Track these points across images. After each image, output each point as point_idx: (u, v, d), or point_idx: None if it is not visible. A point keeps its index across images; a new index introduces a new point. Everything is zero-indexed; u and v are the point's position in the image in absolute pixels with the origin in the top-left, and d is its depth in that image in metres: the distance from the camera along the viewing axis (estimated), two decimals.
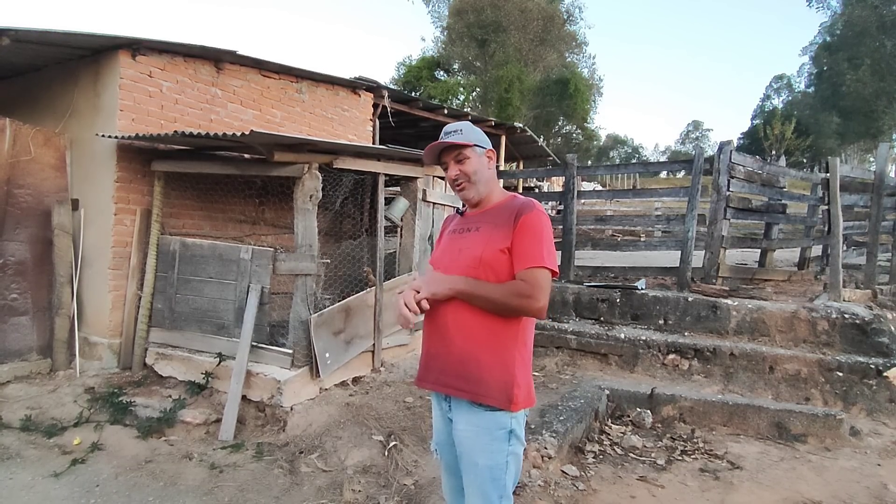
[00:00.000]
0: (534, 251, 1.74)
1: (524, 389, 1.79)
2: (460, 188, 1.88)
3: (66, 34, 3.85)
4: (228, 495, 3.00)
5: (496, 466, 1.76)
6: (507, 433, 1.76)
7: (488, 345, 1.77)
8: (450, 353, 1.81)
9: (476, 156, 1.87)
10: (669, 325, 5.55)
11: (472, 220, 1.92)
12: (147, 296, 4.44)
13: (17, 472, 3.08)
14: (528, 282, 1.71)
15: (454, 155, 1.86)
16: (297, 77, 5.91)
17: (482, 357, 1.76)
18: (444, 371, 1.83)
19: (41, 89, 4.88)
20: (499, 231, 1.79)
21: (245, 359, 3.99)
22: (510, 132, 12.03)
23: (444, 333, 1.83)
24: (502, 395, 1.75)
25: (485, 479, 1.77)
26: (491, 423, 1.76)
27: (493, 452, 1.76)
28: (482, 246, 1.79)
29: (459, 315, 1.78)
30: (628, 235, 13.62)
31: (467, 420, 1.80)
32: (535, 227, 1.76)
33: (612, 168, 9.99)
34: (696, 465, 3.70)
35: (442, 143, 1.86)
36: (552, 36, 26.12)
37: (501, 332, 1.77)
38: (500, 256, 1.76)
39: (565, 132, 33.21)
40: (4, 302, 4.16)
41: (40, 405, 3.81)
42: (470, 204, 1.94)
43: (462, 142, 1.83)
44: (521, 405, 1.78)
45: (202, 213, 5.03)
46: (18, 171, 4.20)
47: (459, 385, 1.79)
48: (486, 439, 1.76)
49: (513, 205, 1.84)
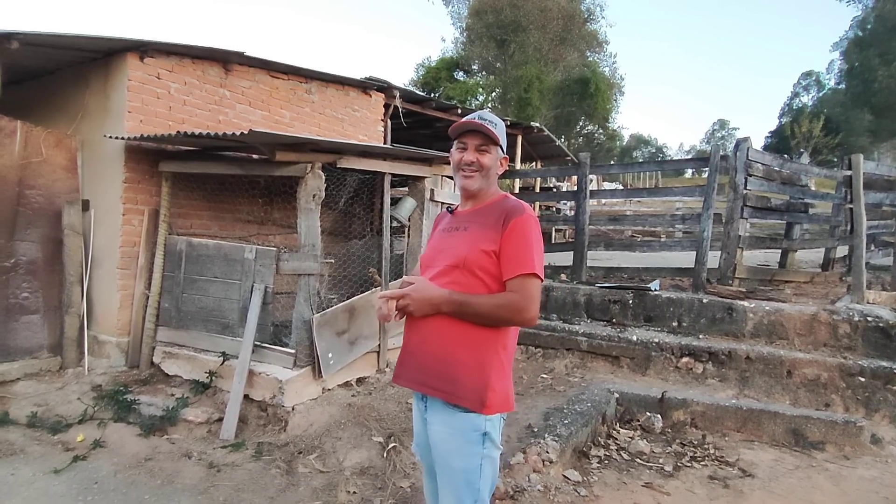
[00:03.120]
0: (524, 258, 1.70)
1: (499, 394, 1.74)
2: (468, 175, 1.83)
3: (75, 37, 3.92)
4: (224, 495, 3.00)
5: (470, 470, 1.71)
6: (481, 436, 1.71)
7: (466, 346, 1.73)
8: (427, 352, 1.78)
9: (496, 155, 1.86)
10: (683, 327, 5.40)
11: (461, 219, 1.90)
12: (154, 295, 4.49)
13: (19, 467, 3.12)
14: (518, 293, 1.69)
15: (479, 143, 1.83)
16: (306, 77, 5.93)
17: (459, 357, 1.72)
18: (421, 369, 1.80)
19: (55, 92, 4.99)
20: (486, 232, 1.76)
21: (248, 358, 4.00)
22: (527, 132, 11.91)
23: (423, 333, 1.80)
24: (476, 398, 1.70)
25: (459, 482, 1.72)
26: (465, 425, 1.71)
27: (466, 455, 1.71)
28: (468, 246, 1.77)
29: (439, 317, 1.74)
30: (648, 236, 13.39)
31: (441, 420, 1.76)
32: (524, 232, 1.72)
33: (625, 166, 9.77)
34: (706, 472, 3.58)
35: (480, 124, 1.81)
36: (572, 35, 25.82)
37: (480, 335, 1.73)
38: (484, 258, 1.73)
39: (587, 132, 32.85)
40: (16, 300, 4.25)
41: (47, 402, 3.87)
42: (467, 194, 1.89)
43: (496, 135, 1.82)
44: (496, 409, 1.73)
45: (210, 214, 5.07)
46: (30, 172, 4.29)
47: (434, 384, 1.76)
48: (459, 441, 1.72)
49: (503, 207, 1.80)
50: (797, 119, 32.39)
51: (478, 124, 1.81)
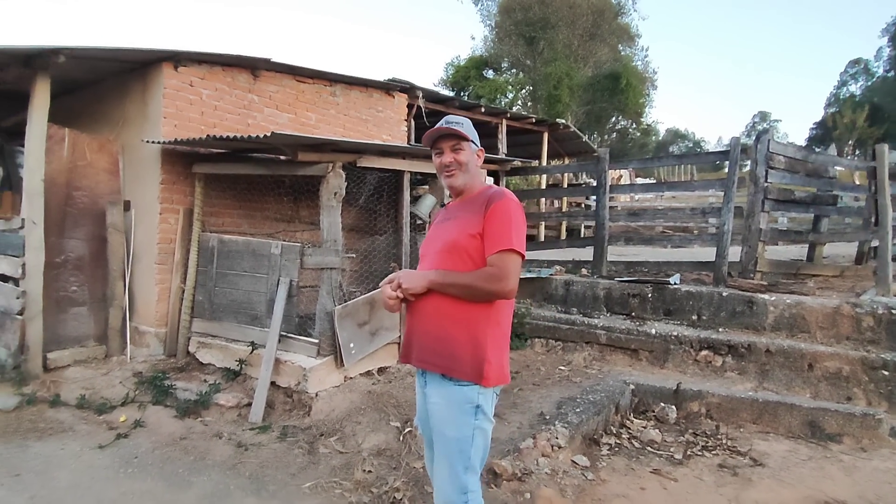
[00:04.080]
0: (502, 235, 1.85)
1: (495, 366, 1.89)
2: (450, 174, 2.01)
3: (114, 50, 4.24)
4: (249, 470, 3.23)
5: (463, 438, 1.86)
6: (474, 407, 1.86)
7: (461, 323, 1.88)
8: (427, 331, 1.95)
9: (470, 150, 2.02)
10: (703, 320, 5.40)
11: (452, 210, 2.08)
12: (189, 288, 4.79)
13: (68, 443, 3.43)
14: (496, 265, 1.84)
15: (452, 144, 2.00)
16: (330, 81, 6.17)
17: (455, 334, 1.88)
18: (422, 348, 1.97)
19: (99, 101, 5.37)
20: (472, 218, 1.92)
21: (274, 347, 4.24)
22: (552, 129, 11.94)
23: (422, 315, 1.97)
24: (473, 371, 1.86)
25: (452, 449, 1.88)
26: (459, 397, 1.87)
27: (460, 425, 1.87)
28: (457, 232, 1.94)
29: (435, 298, 1.92)
30: (680, 232, 13.20)
31: (438, 393, 1.92)
32: (504, 212, 1.87)
33: (643, 162, 9.70)
34: (716, 460, 3.62)
35: (447, 128, 1.98)
36: (603, 30, 25.51)
37: (473, 313, 1.89)
38: (471, 241, 1.89)
39: (620, 128, 32.37)
40: (66, 293, 4.61)
41: (94, 386, 4.20)
42: (454, 191, 2.07)
43: (464, 133, 1.99)
44: (493, 381, 1.88)
45: (241, 212, 5.36)
46: (77, 175, 4.65)
47: (433, 360, 1.93)
48: (454, 411, 1.88)
49: (486, 194, 1.97)
50: (842, 109, 31.10)
51: (444, 129, 1.98)
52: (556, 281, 6.43)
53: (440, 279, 1.89)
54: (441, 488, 1.91)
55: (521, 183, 17.53)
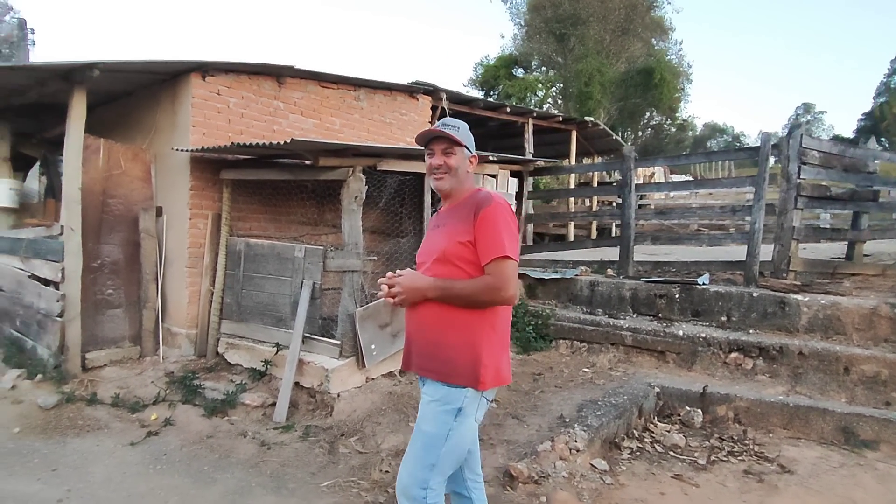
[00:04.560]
0: (495, 243, 1.86)
1: (491, 370, 1.90)
2: (438, 177, 2.01)
3: (145, 62, 4.42)
4: (271, 469, 3.32)
5: (436, 435, 1.88)
6: (456, 410, 1.88)
7: (456, 329, 1.90)
8: (423, 338, 1.98)
9: (462, 154, 2.01)
10: (733, 321, 5.26)
11: (443, 216, 2.09)
12: (218, 291, 4.95)
13: (103, 440, 3.60)
14: (494, 275, 1.86)
15: (443, 147, 1.99)
16: (354, 86, 6.26)
17: (450, 341, 1.90)
18: (419, 355, 2.00)
19: (132, 111, 5.59)
20: (460, 225, 1.93)
21: (297, 349, 4.34)
22: (581, 127, 11.77)
23: (419, 321, 2.00)
24: (469, 376, 1.88)
25: (422, 443, 1.91)
26: (445, 396, 1.90)
27: (437, 423, 1.89)
28: (446, 240, 1.95)
29: (431, 305, 1.94)
30: (716, 230, 12.86)
31: (427, 392, 1.96)
32: (492, 219, 1.88)
33: (670, 159, 9.43)
34: (741, 466, 3.53)
35: (438, 130, 1.98)
36: (635, 25, 25.00)
37: (468, 318, 1.90)
38: (461, 249, 1.91)
39: (654, 124, 31.66)
40: (102, 296, 4.83)
41: (128, 385, 4.39)
42: (442, 195, 2.08)
43: (457, 138, 1.97)
44: (489, 384, 1.90)
45: (267, 216, 5.50)
46: (111, 183, 4.86)
47: (432, 367, 1.95)
48: (435, 409, 1.91)
49: (474, 200, 1.96)
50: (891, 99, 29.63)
51: (437, 131, 1.98)
52: (581, 282, 6.36)
53: (439, 292, 1.90)
54: (402, 477, 1.93)
55: (551, 182, 17.40)
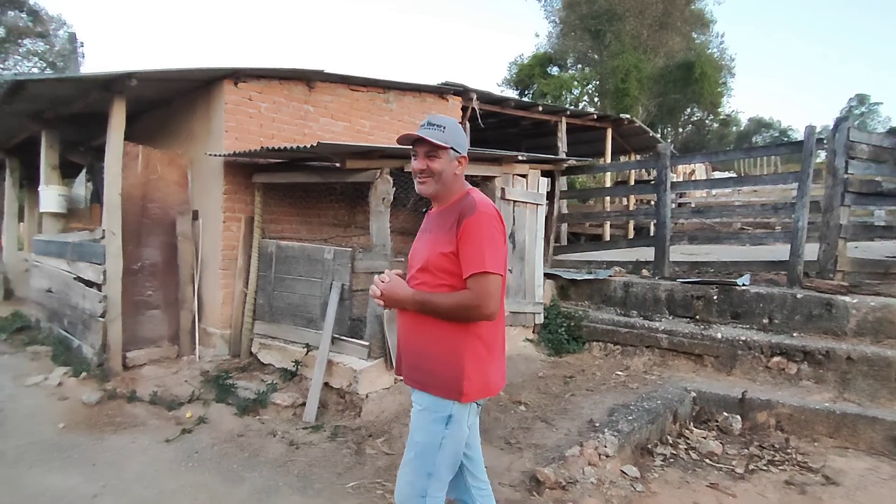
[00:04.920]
0: (476, 257, 1.78)
1: (476, 382, 1.84)
2: (421, 182, 1.91)
3: (179, 70, 4.56)
4: (298, 469, 3.35)
5: (429, 444, 1.85)
6: (446, 417, 1.84)
7: (438, 339, 1.86)
8: (408, 347, 1.96)
9: (447, 157, 1.88)
10: (775, 324, 5.04)
11: (430, 220, 2.01)
12: (251, 292, 5.05)
13: (139, 437, 3.71)
14: (473, 291, 1.79)
15: (427, 149, 1.87)
16: (384, 88, 6.29)
17: (431, 351, 1.87)
18: (406, 364, 1.98)
19: (169, 119, 5.78)
20: (443, 234, 1.86)
21: (327, 349, 4.38)
22: (616, 124, 11.52)
23: (404, 329, 1.98)
24: (450, 388, 1.83)
25: (416, 453, 1.88)
26: (432, 405, 1.86)
27: (429, 432, 1.86)
28: (429, 250, 1.89)
29: (414, 314, 1.91)
30: (761, 228, 12.38)
31: (416, 400, 1.94)
32: (474, 231, 1.79)
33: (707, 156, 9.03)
34: (783, 476, 3.37)
35: (414, 135, 1.88)
36: (674, 18, 24.37)
37: (450, 328, 1.85)
38: (444, 259, 1.84)
39: (696, 120, 30.74)
40: (142, 297, 5.00)
41: (165, 384, 4.53)
42: (423, 195, 1.98)
43: (439, 143, 1.84)
44: (473, 397, 1.85)
45: (299, 219, 5.58)
46: (150, 188, 5.03)
47: (415, 377, 1.94)
48: (425, 418, 1.87)
49: (459, 207, 1.86)
50: None
51: (412, 135, 1.88)
52: (614, 282, 6.21)
53: (418, 305, 1.86)
54: (401, 488, 1.91)
55: (588, 181, 17.09)
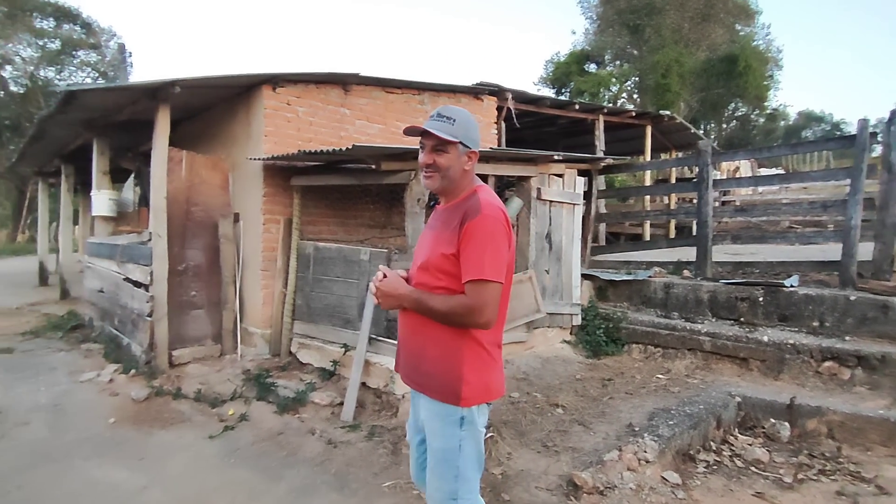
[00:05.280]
0: (475, 263, 1.72)
1: (475, 386, 1.79)
2: (428, 175, 1.84)
3: (220, 77, 4.70)
4: (336, 467, 3.40)
5: (448, 449, 1.82)
6: (459, 419, 1.80)
7: (436, 341, 1.82)
8: (407, 348, 1.94)
9: (456, 152, 1.80)
10: (825, 327, 4.83)
11: (436, 216, 1.94)
12: (290, 293, 5.16)
13: (184, 433, 3.84)
14: (470, 297, 1.73)
15: (434, 143, 1.79)
16: (418, 90, 6.33)
17: (429, 353, 1.84)
18: (406, 363, 1.96)
19: (211, 124, 5.96)
20: (446, 234, 1.80)
21: (364, 350, 4.43)
22: (656, 121, 11.26)
23: (404, 329, 1.95)
24: (448, 392, 1.79)
25: (438, 459, 1.86)
26: (442, 411, 1.83)
27: (445, 437, 1.83)
28: (430, 248, 1.84)
29: (412, 313, 1.87)
30: (811, 226, 11.87)
31: (424, 406, 1.91)
32: (477, 235, 1.72)
33: (751, 152, 8.66)
34: (833, 486, 3.22)
35: (420, 127, 1.81)
36: (716, 10, 23.63)
37: (449, 330, 1.80)
38: (443, 261, 1.79)
39: (740, 115, 29.72)
40: (187, 298, 5.18)
41: (209, 381, 4.67)
42: (430, 190, 1.92)
43: (447, 136, 1.76)
44: (473, 401, 1.80)
45: (336, 220, 5.67)
46: (193, 192, 5.21)
47: (414, 378, 1.92)
48: (438, 424, 1.84)
49: (464, 207, 1.79)
50: None
51: (418, 128, 1.80)
52: (654, 283, 6.07)
53: (415, 305, 1.81)
54: (431, 496, 1.89)
55: (628, 180, 16.74)
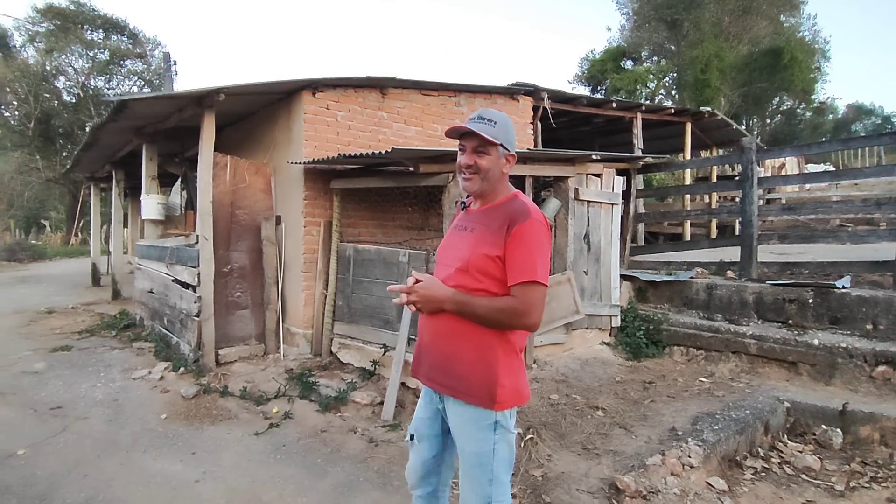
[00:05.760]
0: (526, 265, 1.72)
1: (509, 389, 1.79)
2: (467, 178, 1.84)
3: (262, 84, 4.84)
4: (377, 465, 3.47)
5: (482, 453, 1.81)
6: (493, 424, 1.80)
7: (472, 344, 1.80)
8: (438, 349, 1.88)
9: (496, 154, 1.81)
10: (880, 330, 4.64)
11: (471, 218, 1.92)
12: (330, 294, 5.26)
13: (232, 429, 3.97)
14: (519, 299, 1.72)
15: (475, 145, 1.80)
16: (454, 91, 6.36)
17: (465, 356, 1.81)
18: (433, 367, 1.91)
19: (254, 130, 6.14)
20: (490, 236, 1.78)
21: (403, 350, 4.49)
22: (696, 118, 10.98)
23: (433, 331, 1.90)
24: (485, 395, 1.78)
25: (472, 464, 1.84)
26: (475, 415, 1.81)
27: (478, 441, 1.82)
28: (471, 249, 1.81)
29: (448, 315, 1.82)
30: (862, 225, 11.36)
31: (454, 412, 1.88)
32: (528, 238, 1.73)
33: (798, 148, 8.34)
34: (885, 494, 3.11)
35: (465, 127, 1.80)
36: (759, 2, 22.87)
37: (485, 332, 1.79)
38: (487, 262, 1.77)
39: (785, 109, 28.67)
40: (232, 298, 5.35)
41: (254, 380, 4.81)
42: (469, 194, 1.91)
43: (490, 138, 1.77)
44: (507, 404, 1.80)
45: (374, 222, 5.76)
46: (238, 195, 5.37)
47: (445, 382, 1.87)
48: (471, 429, 1.83)
49: (508, 210, 1.80)
50: None
51: (462, 128, 1.79)
52: (696, 284, 5.94)
53: (459, 306, 1.77)
54: (465, 499, 1.88)
55: (667, 178, 16.37)
